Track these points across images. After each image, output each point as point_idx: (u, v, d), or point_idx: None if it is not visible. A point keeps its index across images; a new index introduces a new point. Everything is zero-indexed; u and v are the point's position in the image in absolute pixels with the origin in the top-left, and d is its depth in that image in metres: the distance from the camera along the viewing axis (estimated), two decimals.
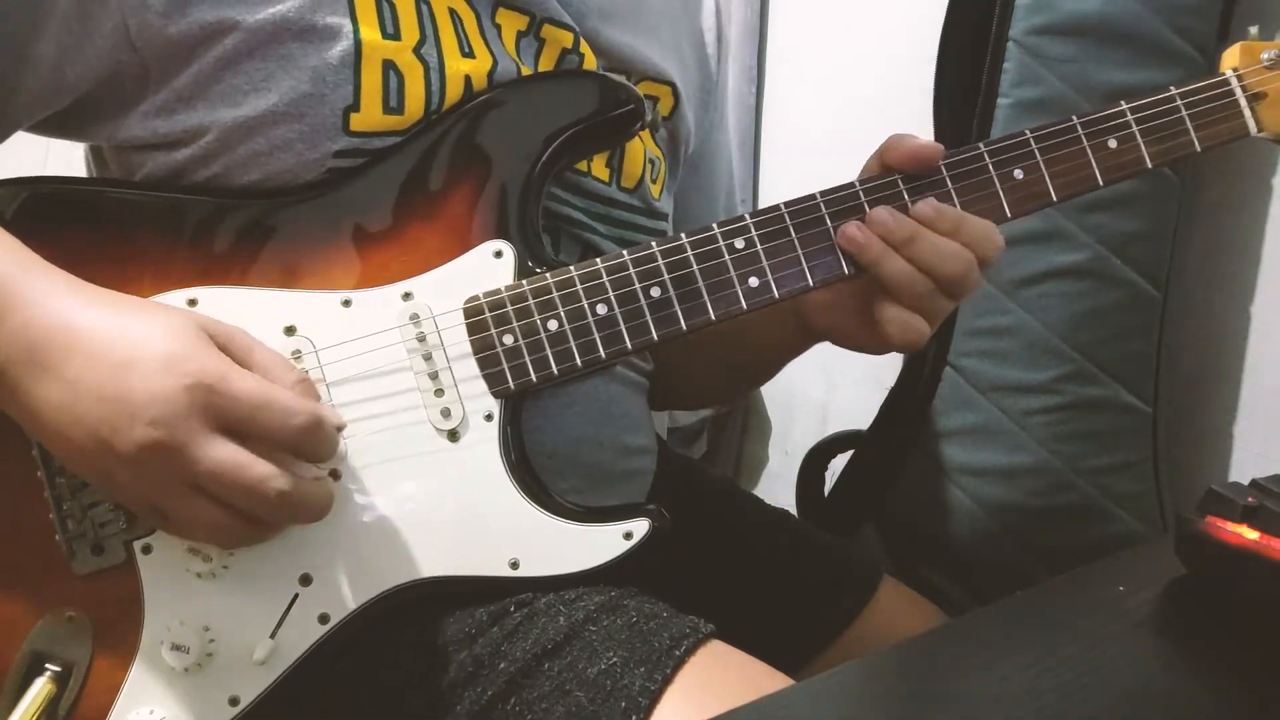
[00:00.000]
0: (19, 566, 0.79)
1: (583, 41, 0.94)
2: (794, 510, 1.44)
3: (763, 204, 1.65)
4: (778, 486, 1.71)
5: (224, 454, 0.70)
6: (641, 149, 0.99)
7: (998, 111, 1.19)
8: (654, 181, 1.01)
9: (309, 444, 0.74)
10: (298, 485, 0.72)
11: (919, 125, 1.29)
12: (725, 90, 1.19)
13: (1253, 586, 0.72)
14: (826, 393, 1.62)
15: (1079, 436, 1.19)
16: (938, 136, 1.27)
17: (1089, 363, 1.18)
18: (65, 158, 0.91)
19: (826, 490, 1.46)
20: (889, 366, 1.44)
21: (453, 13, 0.88)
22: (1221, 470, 1.23)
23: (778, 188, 1.71)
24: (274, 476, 0.71)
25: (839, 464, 1.45)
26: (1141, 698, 0.64)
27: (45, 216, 0.81)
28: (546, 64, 0.93)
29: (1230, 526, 0.73)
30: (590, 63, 0.95)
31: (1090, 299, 1.18)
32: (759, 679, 0.78)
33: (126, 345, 0.70)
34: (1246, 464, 1.20)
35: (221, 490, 0.70)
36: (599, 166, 0.96)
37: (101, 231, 0.82)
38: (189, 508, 0.71)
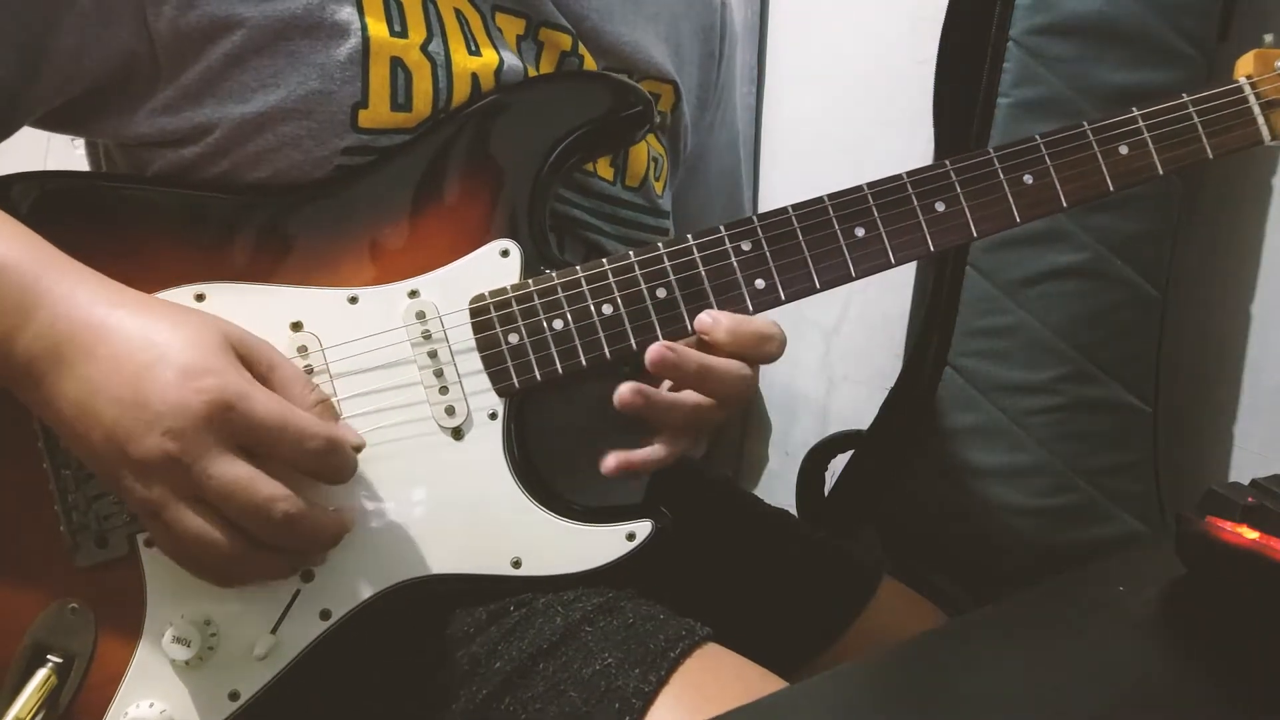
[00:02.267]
0: (23, 557, 0.79)
1: (581, 44, 0.94)
2: (794, 510, 1.44)
3: (763, 204, 1.66)
4: (778, 486, 1.71)
5: (235, 471, 0.69)
6: (645, 147, 0.99)
7: (998, 112, 1.18)
8: (657, 179, 1.01)
9: (324, 468, 0.74)
10: (307, 511, 0.72)
11: (919, 125, 1.30)
12: (731, 91, 1.18)
13: (1253, 586, 0.72)
14: (826, 393, 1.62)
15: (1079, 436, 1.19)
16: (938, 136, 1.27)
17: (1089, 363, 1.18)
18: (65, 157, 0.91)
19: (826, 490, 1.46)
20: (889, 367, 1.44)
21: (458, 12, 0.89)
22: (1221, 470, 1.23)
23: (778, 188, 1.71)
24: (283, 498, 0.70)
25: (839, 464, 1.45)
26: (1141, 698, 0.64)
27: (54, 210, 0.81)
28: (546, 66, 0.93)
29: (1230, 526, 0.73)
30: (590, 65, 0.95)
31: (1090, 299, 1.18)
32: (754, 681, 0.78)
33: (149, 350, 0.70)
34: (1246, 464, 1.20)
35: (228, 507, 0.70)
36: (603, 166, 0.96)
37: (110, 226, 0.82)
38: (190, 521, 0.70)
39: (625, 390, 0.79)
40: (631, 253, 0.83)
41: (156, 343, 0.71)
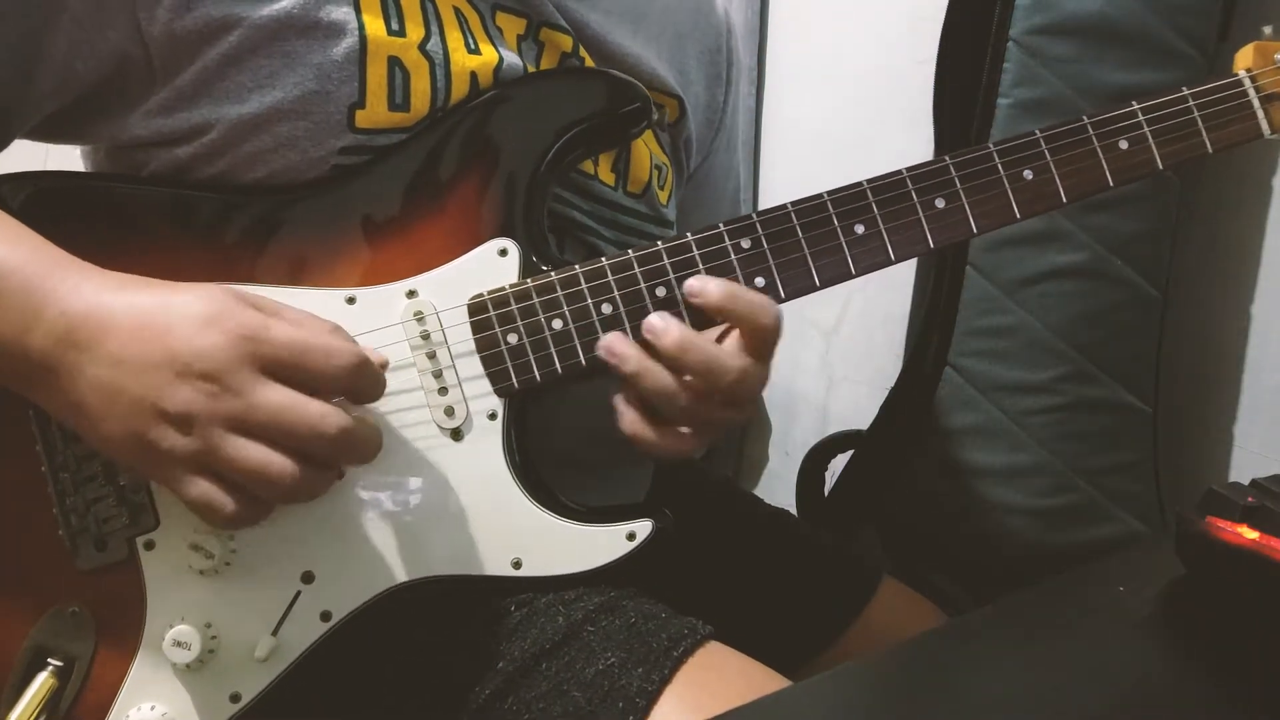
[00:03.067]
0: (23, 561, 0.79)
1: (582, 47, 0.94)
2: (794, 510, 1.44)
3: (763, 204, 1.66)
4: (778, 486, 1.71)
5: (281, 396, 0.70)
6: (648, 154, 0.99)
7: (998, 111, 1.18)
8: (661, 188, 1.01)
9: (357, 383, 0.74)
10: (354, 423, 0.72)
11: (919, 125, 1.30)
12: (737, 116, 1.18)
13: (1253, 586, 0.72)
14: (826, 393, 1.62)
15: (1079, 436, 1.19)
16: (938, 136, 1.28)
17: (1089, 363, 1.18)
18: (65, 158, 0.91)
19: (826, 490, 1.46)
20: (889, 366, 1.44)
21: (457, 11, 0.89)
22: (1221, 470, 1.23)
23: (778, 188, 1.71)
24: (332, 413, 0.71)
25: (839, 464, 1.45)
26: (1141, 698, 0.64)
27: (48, 210, 0.81)
28: (547, 67, 0.93)
29: (1230, 526, 0.73)
30: (590, 65, 0.95)
31: (1090, 299, 1.18)
32: (757, 680, 0.78)
33: (164, 313, 0.71)
34: (1246, 464, 1.20)
35: (281, 433, 0.70)
36: (605, 170, 0.96)
37: (106, 227, 0.82)
38: (251, 451, 0.70)
39: (614, 337, 0.80)
40: (631, 251, 0.83)
41: (168, 305, 0.71)
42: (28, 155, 0.89)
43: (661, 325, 0.80)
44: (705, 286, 0.80)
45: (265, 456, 0.70)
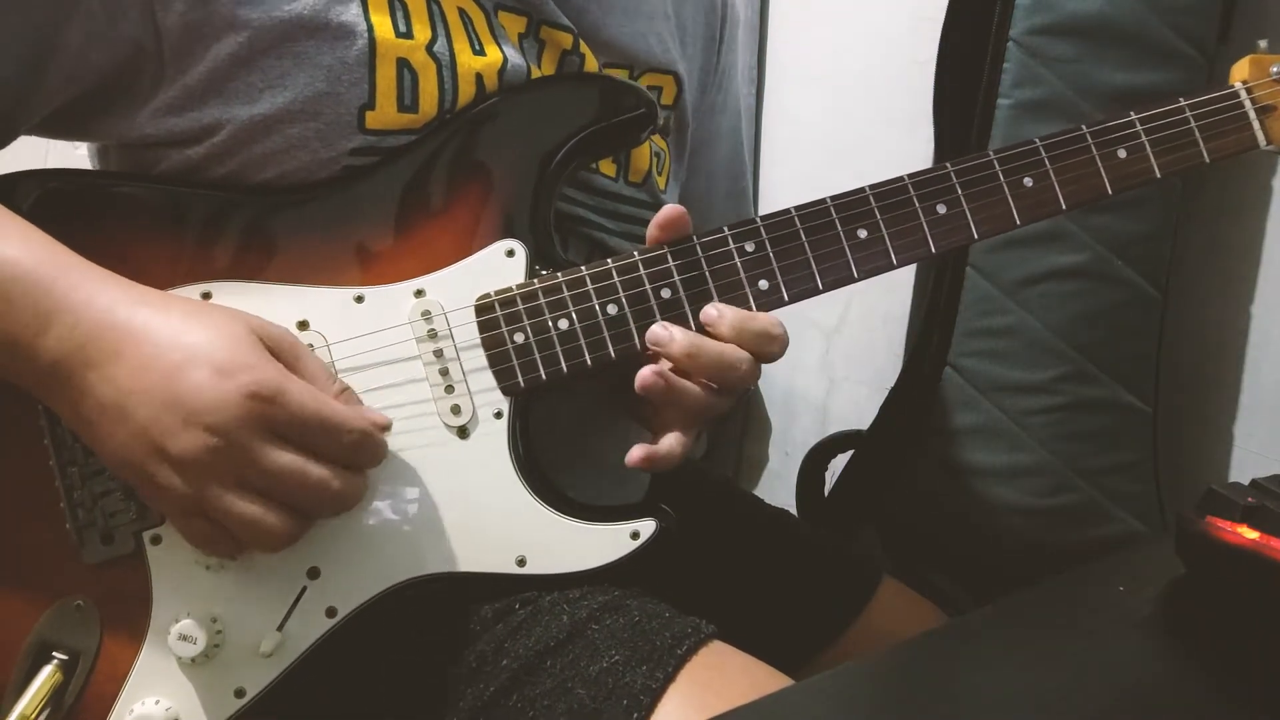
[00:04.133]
0: (29, 554, 0.79)
1: (582, 43, 0.95)
2: (794, 510, 1.44)
3: (763, 204, 1.66)
4: (778, 486, 1.71)
5: (284, 461, 0.72)
6: (647, 143, 0.99)
7: (998, 112, 1.18)
8: (660, 174, 1.02)
9: (359, 457, 0.76)
10: (348, 481, 0.75)
11: (919, 125, 1.30)
12: (733, 75, 1.18)
13: (1253, 586, 0.72)
14: (826, 393, 1.62)
15: (1079, 436, 1.19)
16: (938, 137, 1.28)
17: (1089, 363, 1.18)
18: (66, 156, 0.91)
19: (826, 490, 1.46)
20: (889, 366, 1.45)
21: (462, 12, 0.89)
22: (1221, 470, 1.23)
23: (778, 187, 1.71)
24: (333, 477, 0.73)
25: (839, 464, 1.45)
26: (1142, 697, 0.65)
27: (57, 209, 0.81)
28: (548, 65, 0.93)
29: (1230, 526, 0.73)
30: (591, 64, 0.95)
31: (1090, 299, 1.18)
32: (760, 679, 0.79)
33: (179, 350, 0.71)
34: (1246, 464, 1.21)
35: (279, 491, 0.72)
36: (605, 163, 0.97)
37: (114, 225, 0.82)
38: (243, 508, 0.72)
39: (646, 373, 0.80)
40: (636, 253, 0.84)
41: (185, 342, 0.72)
42: (28, 158, 0.89)
43: (666, 335, 0.81)
44: (722, 316, 0.82)
45: (257, 515, 0.72)
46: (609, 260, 0.83)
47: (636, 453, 0.82)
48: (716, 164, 1.19)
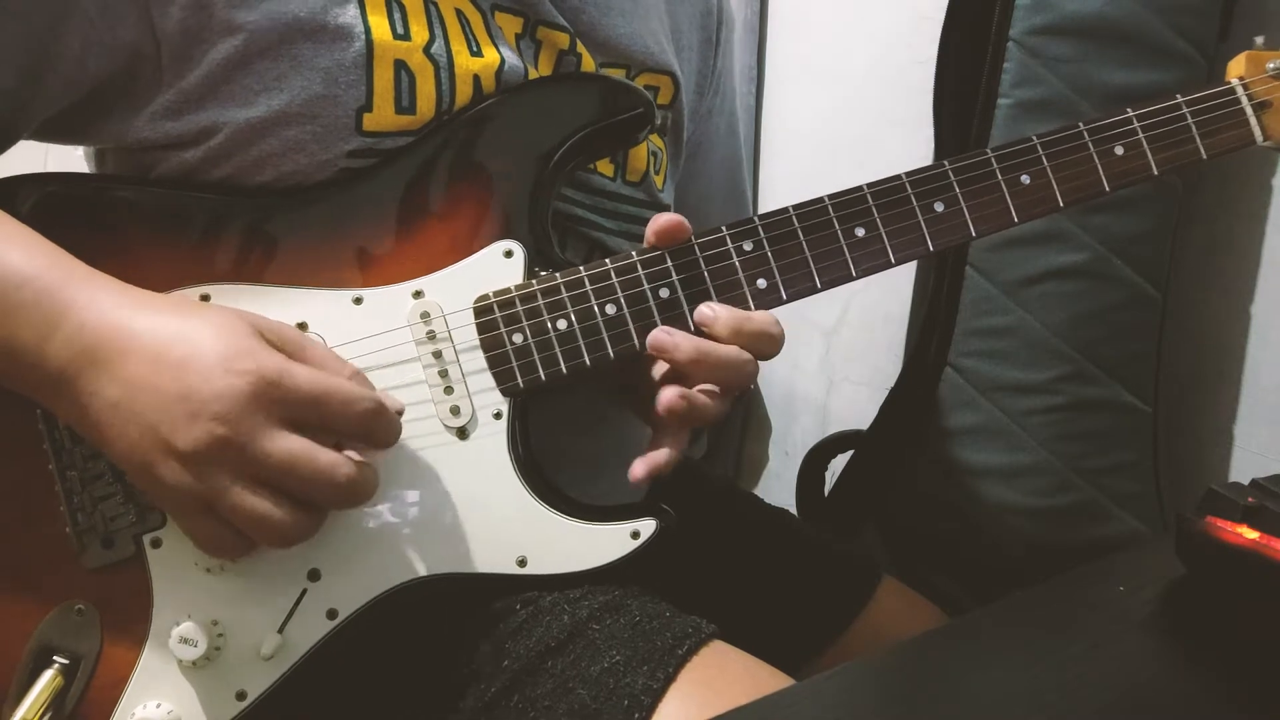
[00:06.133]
0: (29, 559, 0.79)
1: (579, 43, 0.95)
2: (794, 510, 1.44)
3: (763, 203, 1.66)
4: (778, 486, 1.72)
5: (293, 445, 0.71)
6: (644, 142, 0.99)
7: (998, 112, 1.19)
8: (657, 173, 1.02)
9: (373, 430, 0.75)
10: (363, 471, 0.73)
11: (919, 125, 1.30)
12: (729, 78, 1.19)
13: (1253, 586, 0.72)
14: (826, 393, 1.62)
15: (1079, 436, 1.20)
16: (938, 137, 1.28)
17: (1089, 363, 1.18)
18: (65, 159, 0.91)
19: (826, 490, 1.46)
20: (889, 366, 1.45)
21: (459, 13, 0.89)
22: (1221, 470, 1.23)
23: (777, 187, 1.71)
24: (342, 463, 0.72)
25: (839, 464, 1.45)
26: (1142, 698, 0.65)
27: (57, 213, 0.81)
28: (545, 65, 0.94)
29: (1230, 526, 0.73)
30: (588, 63, 0.95)
31: (1090, 299, 1.18)
32: (761, 678, 0.79)
33: (183, 345, 0.71)
34: (1246, 464, 1.20)
35: (290, 481, 0.71)
36: (603, 163, 0.97)
37: (113, 228, 0.83)
38: (253, 502, 0.71)
39: (671, 396, 0.80)
40: (634, 252, 0.84)
41: (188, 337, 0.71)
42: (28, 158, 0.89)
43: (670, 342, 0.81)
44: (716, 316, 0.82)
45: (266, 510, 0.71)
46: (607, 261, 0.83)
47: (639, 469, 0.82)
48: (714, 167, 1.20)
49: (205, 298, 0.80)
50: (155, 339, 0.71)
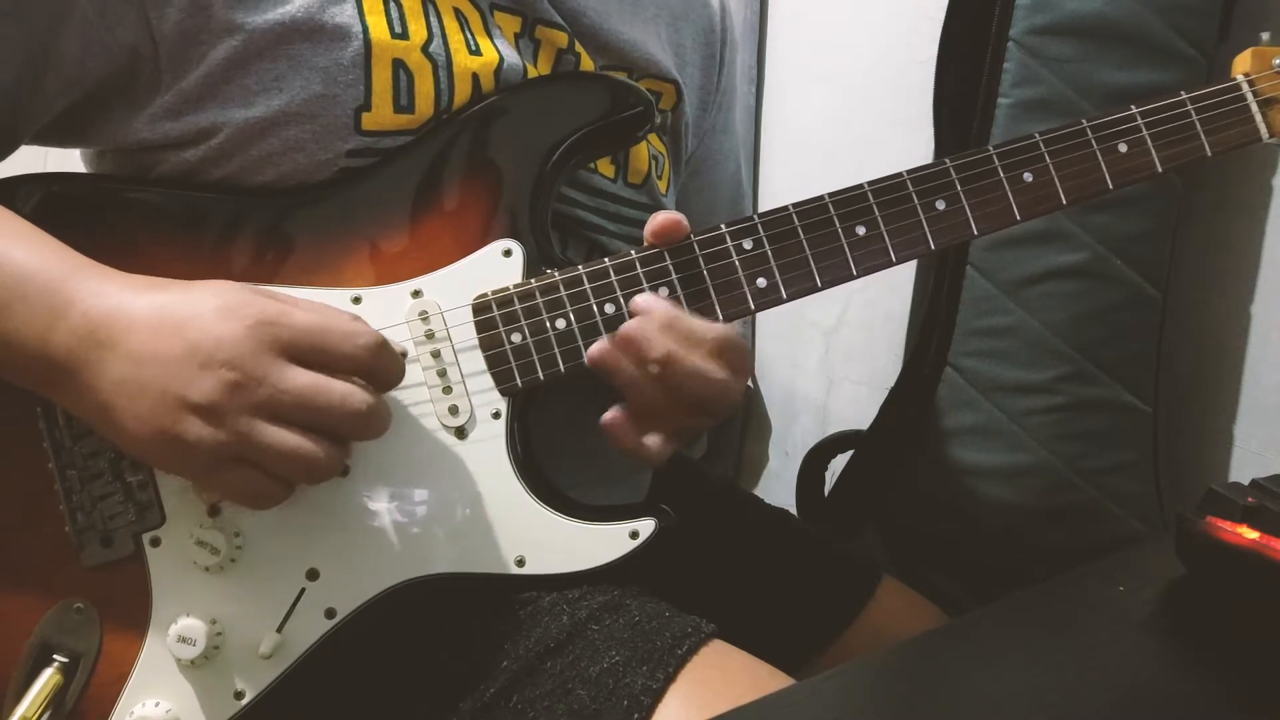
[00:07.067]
0: (28, 558, 0.79)
1: (577, 42, 0.95)
2: (794, 510, 1.44)
3: (763, 204, 1.66)
4: (778, 486, 1.72)
5: (306, 378, 0.71)
6: (645, 145, 0.99)
7: (998, 112, 1.18)
8: (660, 178, 1.02)
9: (377, 363, 0.75)
10: (376, 398, 0.74)
11: (919, 125, 1.30)
12: (733, 96, 1.19)
13: (1253, 586, 0.72)
14: (826, 393, 1.62)
15: (1079, 436, 1.19)
16: (938, 137, 1.28)
17: (1089, 363, 1.18)
18: (65, 159, 0.91)
19: (826, 490, 1.46)
20: (889, 366, 1.45)
21: (457, 11, 0.89)
22: (1221, 470, 1.23)
23: (777, 188, 1.71)
24: (356, 391, 0.73)
25: (839, 464, 1.45)
26: (1142, 698, 0.64)
27: (58, 212, 0.82)
28: (544, 64, 0.94)
29: (1230, 526, 0.73)
30: (586, 63, 0.95)
31: (1090, 299, 1.18)
32: (761, 678, 0.79)
33: (183, 309, 0.72)
34: (1246, 464, 1.20)
35: (309, 414, 0.71)
36: (604, 164, 0.97)
37: (113, 228, 0.83)
38: (282, 437, 0.71)
39: (599, 346, 0.81)
40: (633, 252, 0.84)
41: (186, 301, 0.72)
42: (28, 159, 0.89)
43: (640, 334, 0.80)
44: (650, 307, 0.81)
45: (296, 442, 0.71)
46: (605, 260, 0.83)
47: (613, 413, 0.82)
48: (718, 184, 1.19)
49: None
50: (155, 310, 0.72)
